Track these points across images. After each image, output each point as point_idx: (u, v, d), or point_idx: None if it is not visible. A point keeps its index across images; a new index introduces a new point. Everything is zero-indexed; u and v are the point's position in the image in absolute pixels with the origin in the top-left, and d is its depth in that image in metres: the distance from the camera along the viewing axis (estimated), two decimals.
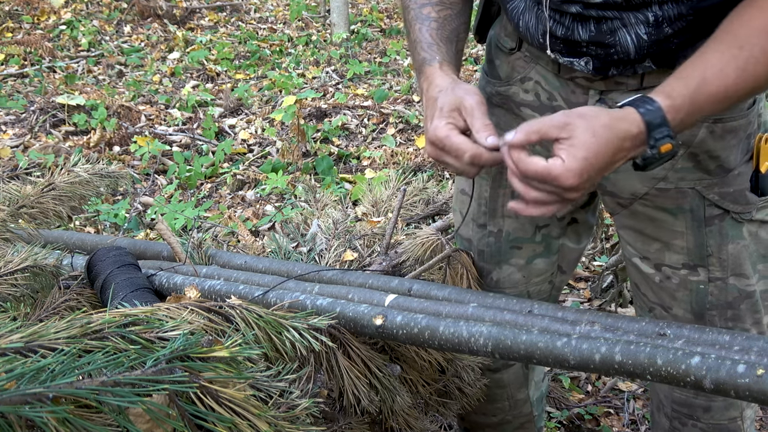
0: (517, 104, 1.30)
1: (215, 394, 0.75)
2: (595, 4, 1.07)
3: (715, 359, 0.75)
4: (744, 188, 1.18)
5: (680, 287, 1.26)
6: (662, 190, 1.21)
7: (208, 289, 1.18)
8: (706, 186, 1.19)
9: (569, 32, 1.12)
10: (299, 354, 0.97)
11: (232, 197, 3.81)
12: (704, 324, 1.26)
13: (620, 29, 1.08)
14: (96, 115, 4.51)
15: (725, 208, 1.19)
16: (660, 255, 1.26)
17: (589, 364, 0.84)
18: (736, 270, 1.23)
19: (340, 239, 1.53)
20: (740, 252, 1.22)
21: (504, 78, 1.31)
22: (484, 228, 1.42)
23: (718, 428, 1.38)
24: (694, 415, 1.37)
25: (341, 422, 1.11)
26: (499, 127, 1.34)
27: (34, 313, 1.11)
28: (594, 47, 1.11)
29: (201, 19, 7.26)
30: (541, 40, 1.17)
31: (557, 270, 1.45)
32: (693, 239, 1.22)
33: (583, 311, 1.00)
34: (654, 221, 1.24)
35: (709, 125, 1.15)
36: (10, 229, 1.35)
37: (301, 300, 1.08)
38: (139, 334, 0.80)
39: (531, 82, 1.26)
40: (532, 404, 1.61)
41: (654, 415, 1.50)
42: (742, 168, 1.18)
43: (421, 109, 4.88)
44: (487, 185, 1.39)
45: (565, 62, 1.16)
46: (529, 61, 1.26)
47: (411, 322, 0.99)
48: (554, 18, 1.14)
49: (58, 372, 0.70)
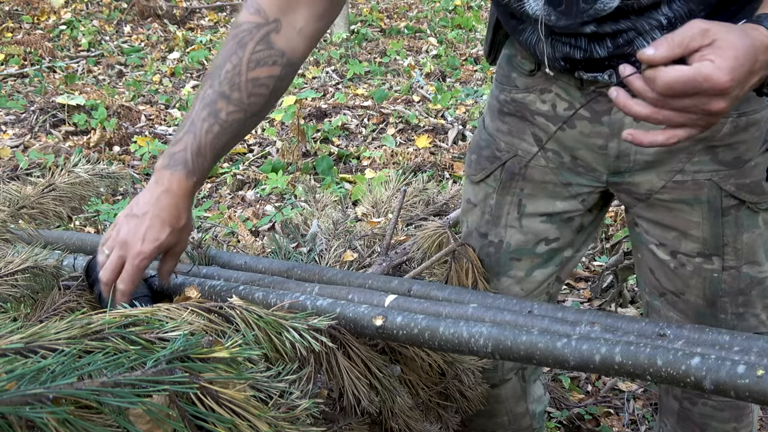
0: (532, 112, 1.29)
1: (215, 395, 0.75)
2: (607, 17, 1.06)
3: (715, 360, 0.75)
4: (760, 179, 1.19)
5: (694, 275, 1.27)
6: (679, 183, 1.21)
7: (209, 290, 1.18)
8: (722, 177, 1.19)
9: (587, 53, 1.12)
10: (299, 354, 0.97)
11: (232, 197, 3.81)
12: (716, 310, 1.28)
13: (637, 38, 1.08)
14: (96, 115, 4.51)
15: (742, 198, 1.20)
16: (676, 243, 1.26)
17: (589, 365, 0.84)
18: (750, 258, 1.24)
19: (340, 239, 1.53)
20: (755, 240, 1.23)
21: (522, 87, 1.30)
22: (485, 237, 1.40)
23: (729, 405, 1.39)
24: (704, 394, 1.38)
25: (341, 423, 1.11)
26: (511, 134, 1.34)
27: (35, 314, 1.11)
28: (615, 60, 1.11)
29: (201, 19, 7.26)
30: (561, 64, 1.16)
31: (555, 281, 1.45)
32: (709, 229, 1.23)
33: (583, 311, 1.00)
34: (671, 211, 1.24)
35: (734, 119, 1.15)
36: (11, 229, 1.35)
37: (301, 300, 1.08)
38: (140, 334, 0.80)
39: (551, 94, 1.26)
40: (533, 417, 1.61)
41: (662, 399, 1.50)
42: (759, 159, 1.19)
43: (421, 109, 4.88)
44: (493, 192, 1.38)
45: (589, 77, 1.16)
46: (550, 78, 1.25)
47: (411, 322, 0.99)
48: (570, 43, 1.13)
49: (58, 373, 0.70)
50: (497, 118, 1.36)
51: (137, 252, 1.09)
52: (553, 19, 1.08)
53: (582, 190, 1.32)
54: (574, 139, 1.25)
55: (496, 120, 1.36)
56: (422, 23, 7.49)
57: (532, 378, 1.57)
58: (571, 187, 1.32)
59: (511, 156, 1.34)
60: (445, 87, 5.38)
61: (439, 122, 4.68)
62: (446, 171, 3.99)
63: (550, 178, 1.32)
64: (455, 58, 6.18)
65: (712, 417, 1.41)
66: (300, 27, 1.15)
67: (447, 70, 5.89)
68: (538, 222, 1.36)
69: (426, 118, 4.70)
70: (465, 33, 7.06)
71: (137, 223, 1.10)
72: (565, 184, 1.32)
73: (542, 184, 1.33)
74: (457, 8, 7.78)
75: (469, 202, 1.44)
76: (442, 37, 6.89)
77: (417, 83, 5.49)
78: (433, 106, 4.93)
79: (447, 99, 4.99)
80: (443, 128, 4.58)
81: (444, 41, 6.76)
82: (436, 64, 6.00)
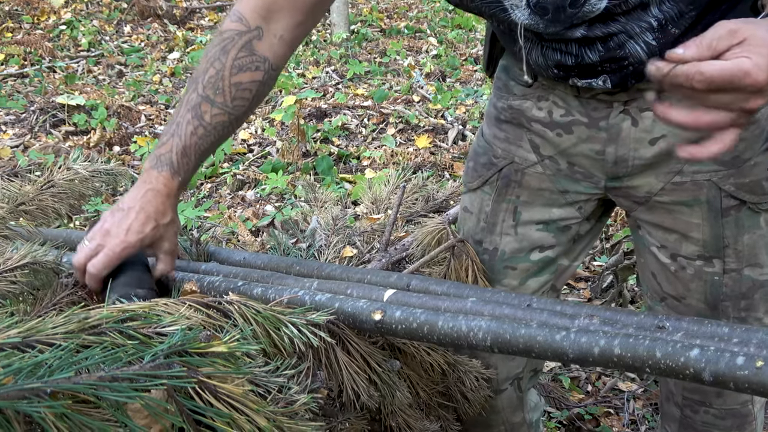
0: (528, 119, 1.29)
1: (214, 390, 0.75)
2: (596, 19, 1.06)
3: (714, 351, 0.75)
4: (761, 178, 1.18)
5: (695, 278, 1.26)
6: (678, 184, 1.21)
7: (207, 286, 1.18)
8: (721, 177, 1.18)
9: (579, 59, 1.12)
10: (298, 349, 0.97)
11: (232, 197, 3.81)
12: (717, 314, 1.27)
13: (628, 42, 1.07)
14: (96, 115, 4.51)
15: (742, 198, 1.19)
16: (677, 245, 1.26)
17: (587, 358, 0.83)
18: (752, 260, 1.23)
19: (340, 235, 1.53)
20: (756, 242, 1.22)
21: (519, 94, 1.30)
22: (480, 245, 1.40)
23: (730, 413, 1.38)
24: (706, 401, 1.37)
25: (340, 418, 1.11)
26: (508, 141, 1.34)
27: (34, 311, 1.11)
28: (608, 64, 1.11)
29: (201, 19, 7.26)
30: (555, 71, 1.16)
31: (550, 289, 1.44)
32: (709, 231, 1.21)
33: (581, 305, 1.00)
34: (671, 213, 1.24)
35: None
36: (9, 226, 1.35)
37: (299, 295, 1.08)
38: (137, 329, 0.80)
39: (548, 102, 1.26)
40: (530, 426, 1.60)
41: (663, 406, 1.49)
42: (759, 158, 1.18)
43: (421, 109, 4.88)
44: (489, 199, 1.37)
45: (584, 84, 1.16)
46: (547, 88, 1.25)
47: (410, 316, 0.99)
48: (560, 49, 1.13)
49: (55, 367, 0.70)
50: (494, 126, 1.36)
51: (120, 241, 1.11)
52: (541, 26, 1.08)
53: (579, 198, 1.31)
54: (571, 144, 1.25)
55: (493, 127, 1.36)
56: (422, 23, 7.49)
57: (527, 387, 1.57)
58: (568, 195, 1.31)
59: (508, 163, 1.34)
60: (445, 87, 5.39)
61: (439, 122, 4.68)
62: (446, 171, 3.99)
63: (546, 185, 1.32)
64: (455, 58, 6.18)
65: (714, 425, 1.39)
66: (280, 35, 1.18)
67: (447, 70, 5.89)
68: (534, 229, 1.35)
69: (426, 118, 4.70)
70: (465, 33, 7.06)
71: (122, 216, 1.13)
72: (562, 191, 1.31)
73: (539, 191, 1.33)
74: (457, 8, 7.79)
75: (466, 211, 1.43)
76: (442, 37, 6.89)
77: (417, 83, 5.49)
78: (433, 106, 4.93)
79: (447, 99, 4.99)
80: (443, 128, 4.58)
81: (444, 41, 6.77)
82: (436, 64, 6.00)
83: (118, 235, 1.11)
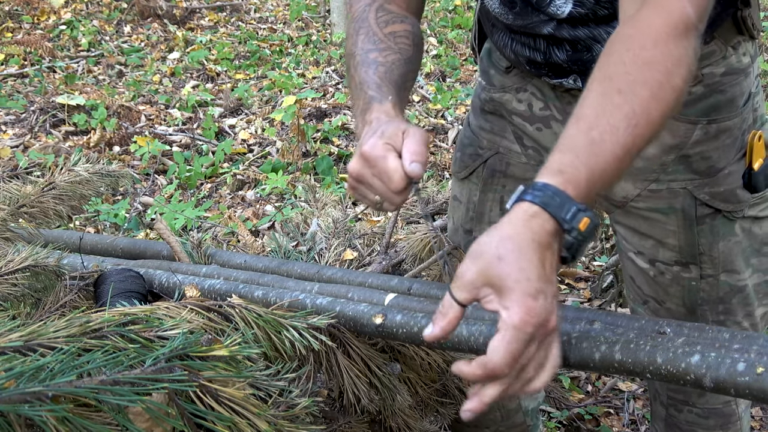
0: (509, 112, 1.30)
1: (215, 393, 0.75)
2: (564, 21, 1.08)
3: (715, 358, 0.75)
4: (735, 187, 1.18)
5: (673, 283, 1.27)
6: (654, 191, 1.21)
7: (208, 289, 1.18)
8: (696, 186, 1.19)
9: (547, 56, 1.13)
10: (299, 353, 0.97)
11: (232, 197, 3.80)
12: (696, 318, 1.27)
13: (595, 45, 1.09)
14: (96, 115, 4.51)
15: (716, 207, 1.19)
16: (654, 251, 1.26)
17: (588, 363, 0.84)
18: (728, 266, 1.23)
19: (340, 238, 1.53)
20: (732, 249, 1.22)
21: (498, 86, 1.31)
22: (470, 234, 1.41)
23: (713, 412, 1.39)
24: (689, 401, 1.39)
25: (341, 421, 1.11)
26: (493, 132, 1.35)
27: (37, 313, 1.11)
28: (576, 65, 1.12)
29: (201, 19, 7.26)
30: (527, 67, 1.19)
31: None
32: (685, 238, 1.22)
33: (582, 309, 1.00)
34: (647, 220, 1.25)
35: (704, 125, 1.15)
36: (11, 228, 1.35)
37: (300, 299, 1.08)
38: (139, 332, 0.80)
39: (526, 93, 1.27)
40: (526, 414, 1.60)
41: (652, 404, 1.51)
42: (733, 167, 1.18)
43: (421, 109, 4.88)
44: (476, 189, 1.39)
45: (556, 83, 1.18)
46: (525, 77, 1.26)
47: (411, 321, 0.99)
48: (529, 45, 1.15)
49: (57, 371, 0.70)
50: (480, 116, 1.38)
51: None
52: (510, 18, 1.11)
53: None
54: (549, 139, 1.26)
55: (479, 118, 1.38)
56: (422, 23, 7.49)
57: None
58: None
59: (493, 153, 1.35)
60: (445, 87, 5.39)
61: (439, 122, 4.68)
62: (446, 171, 3.99)
63: (531, 174, 1.31)
64: (455, 58, 6.18)
65: (697, 424, 1.40)
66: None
67: (447, 70, 5.89)
68: None
69: (426, 118, 4.70)
70: (465, 33, 7.06)
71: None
72: None
73: (524, 180, 1.33)
74: (457, 8, 7.78)
75: (455, 199, 1.45)
76: (442, 37, 6.88)
77: (417, 83, 5.49)
78: (433, 106, 4.93)
79: (447, 99, 4.99)
80: (443, 128, 4.58)
81: (444, 41, 6.76)
82: (436, 64, 5.99)
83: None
